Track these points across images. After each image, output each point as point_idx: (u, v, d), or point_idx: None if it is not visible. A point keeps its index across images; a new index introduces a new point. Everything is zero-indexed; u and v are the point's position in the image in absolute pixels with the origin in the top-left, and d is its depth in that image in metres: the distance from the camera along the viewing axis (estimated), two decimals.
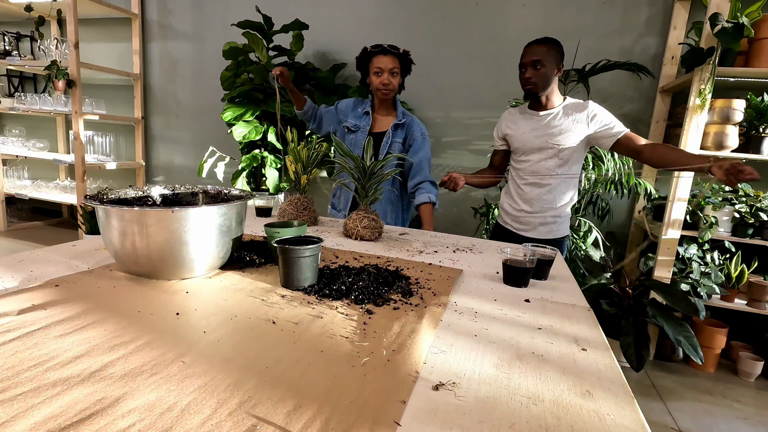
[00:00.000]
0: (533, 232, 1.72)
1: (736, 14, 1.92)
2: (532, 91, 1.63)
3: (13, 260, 0.95)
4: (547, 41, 1.59)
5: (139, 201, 1.03)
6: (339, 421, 0.47)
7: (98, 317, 0.69)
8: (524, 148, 1.70)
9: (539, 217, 1.70)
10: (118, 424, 0.44)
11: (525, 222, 1.73)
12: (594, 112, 1.61)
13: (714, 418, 1.88)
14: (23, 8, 3.32)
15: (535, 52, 1.58)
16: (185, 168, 3.59)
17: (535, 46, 1.59)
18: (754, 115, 2.14)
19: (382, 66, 1.76)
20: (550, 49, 1.58)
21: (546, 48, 1.57)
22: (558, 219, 1.71)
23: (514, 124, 1.75)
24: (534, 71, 1.59)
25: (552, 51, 1.58)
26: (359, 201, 1.37)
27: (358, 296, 0.83)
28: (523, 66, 1.62)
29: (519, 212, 1.74)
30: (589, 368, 0.62)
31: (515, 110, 1.79)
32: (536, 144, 1.66)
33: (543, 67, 1.58)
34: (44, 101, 3.29)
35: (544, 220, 1.70)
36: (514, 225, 1.77)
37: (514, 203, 1.76)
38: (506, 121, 1.78)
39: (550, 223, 1.70)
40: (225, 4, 3.20)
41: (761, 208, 2.13)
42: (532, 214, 1.71)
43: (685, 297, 1.93)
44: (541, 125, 1.66)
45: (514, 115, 1.77)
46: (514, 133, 1.73)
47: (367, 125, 1.87)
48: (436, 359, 0.62)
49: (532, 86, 1.61)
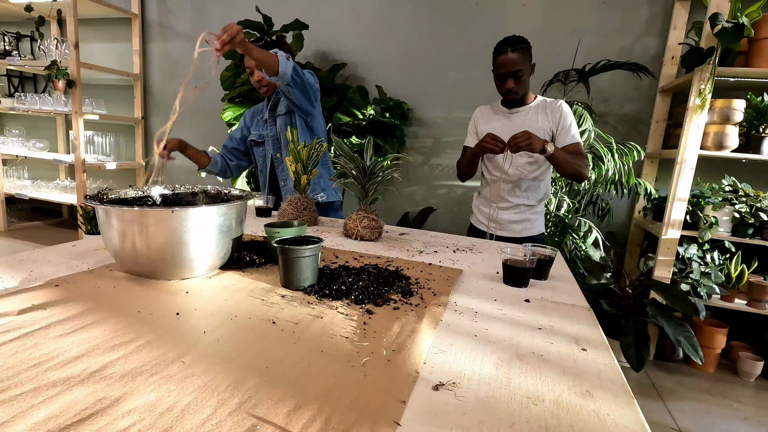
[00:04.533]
0: (507, 231, 1.71)
1: (736, 14, 1.92)
2: (515, 99, 1.63)
3: (13, 260, 0.95)
4: (518, 46, 1.54)
5: (139, 201, 1.03)
6: (339, 421, 0.47)
7: (98, 317, 0.69)
8: None
9: (513, 215, 1.70)
10: (118, 424, 0.44)
11: (498, 221, 1.72)
12: (562, 111, 1.60)
13: (714, 418, 1.88)
14: (23, 8, 3.32)
15: (513, 62, 1.54)
16: (185, 168, 3.59)
17: (511, 56, 1.54)
18: (754, 115, 2.14)
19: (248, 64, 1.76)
20: (524, 53, 1.55)
21: (521, 54, 1.54)
22: (532, 216, 1.71)
23: (486, 120, 1.74)
24: (516, 81, 1.57)
25: (526, 55, 1.56)
26: (359, 201, 1.37)
27: (358, 296, 0.83)
28: (502, 77, 1.59)
29: (492, 211, 1.73)
30: (589, 368, 0.62)
31: (487, 107, 1.78)
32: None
33: (523, 74, 1.56)
34: (44, 101, 3.29)
35: (518, 218, 1.70)
36: (489, 225, 1.75)
37: (487, 202, 1.75)
38: (479, 116, 1.78)
39: (523, 221, 1.70)
40: (225, 4, 3.20)
41: (761, 208, 2.13)
42: (506, 212, 1.71)
43: (685, 297, 1.93)
44: (513, 122, 1.65)
45: (487, 112, 1.76)
46: (486, 128, 1.71)
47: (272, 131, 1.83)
48: (436, 359, 0.62)
49: (515, 95, 1.61)
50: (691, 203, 2.22)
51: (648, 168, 2.51)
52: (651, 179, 2.52)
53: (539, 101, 1.66)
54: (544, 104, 1.65)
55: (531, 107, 1.65)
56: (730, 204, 2.20)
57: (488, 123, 1.73)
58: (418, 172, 2.93)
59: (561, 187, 2.36)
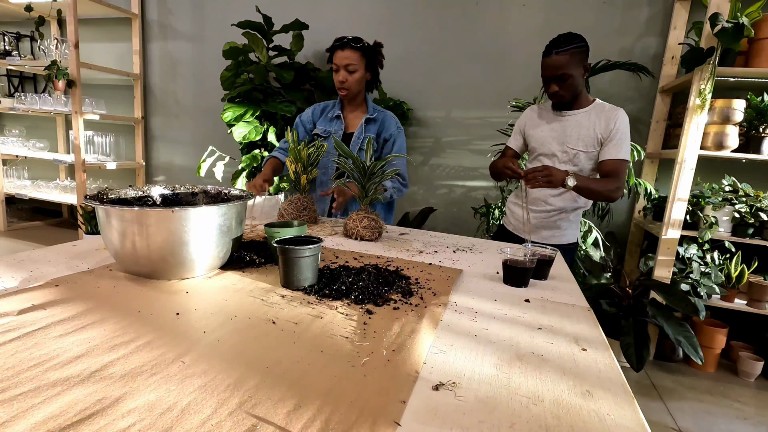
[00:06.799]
0: (536, 237, 1.65)
1: (736, 14, 1.92)
2: (562, 102, 1.54)
3: (13, 260, 0.95)
4: (567, 47, 1.43)
5: (139, 201, 1.03)
6: (339, 421, 0.47)
7: (98, 317, 0.69)
8: (541, 149, 1.62)
9: (546, 221, 1.65)
10: (118, 424, 0.44)
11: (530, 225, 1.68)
12: (617, 122, 1.48)
13: (714, 418, 1.88)
14: (23, 8, 3.32)
15: (558, 64, 1.43)
16: (185, 168, 3.59)
17: (556, 57, 1.44)
18: (754, 115, 2.14)
19: (338, 62, 1.64)
20: (573, 55, 1.43)
21: (569, 56, 1.43)
22: (564, 224, 1.65)
23: (535, 122, 1.66)
24: (561, 84, 1.47)
25: (576, 56, 1.44)
26: (359, 201, 1.37)
27: (358, 296, 0.83)
28: (547, 80, 1.49)
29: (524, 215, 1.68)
30: (589, 368, 0.62)
31: (538, 108, 1.69)
32: (553, 145, 1.59)
33: (570, 77, 1.45)
34: (44, 101, 3.29)
35: (549, 226, 1.65)
36: (518, 226, 1.73)
37: (520, 206, 1.71)
38: (528, 118, 1.69)
39: (554, 228, 1.65)
40: (225, 4, 3.20)
41: (761, 208, 2.13)
42: (538, 217, 1.65)
43: (685, 297, 1.92)
44: (562, 126, 1.57)
45: (537, 113, 1.68)
46: (534, 132, 1.65)
47: (340, 129, 1.78)
48: (436, 359, 0.62)
49: (561, 98, 1.51)
50: (691, 203, 2.22)
51: (648, 168, 2.51)
52: (651, 179, 2.52)
53: (596, 105, 1.55)
54: (601, 109, 1.53)
55: (584, 112, 1.55)
56: (730, 204, 2.20)
57: (536, 124, 1.64)
58: (418, 172, 2.93)
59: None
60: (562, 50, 1.44)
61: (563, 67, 1.44)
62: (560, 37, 1.47)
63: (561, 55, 1.44)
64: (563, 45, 1.44)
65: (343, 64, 1.64)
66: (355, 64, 1.65)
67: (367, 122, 1.76)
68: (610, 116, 1.50)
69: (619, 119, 1.49)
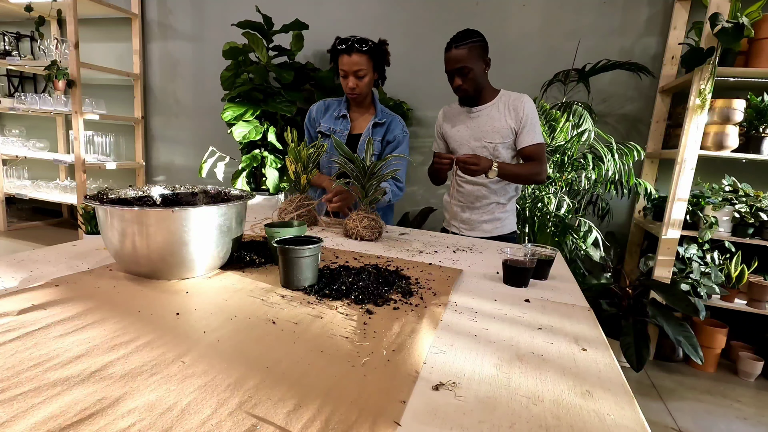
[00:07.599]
0: (479, 231, 1.69)
1: (736, 14, 1.92)
2: (467, 96, 1.59)
3: (13, 260, 0.95)
4: (466, 41, 1.50)
5: (139, 201, 1.03)
6: (339, 421, 0.47)
7: (98, 317, 0.69)
8: (461, 148, 1.66)
9: (483, 215, 1.68)
10: (118, 424, 0.44)
11: (469, 222, 1.71)
12: (525, 109, 1.56)
13: (714, 418, 1.88)
14: (23, 8, 3.31)
15: (458, 57, 1.50)
16: (185, 168, 3.59)
17: (456, 51, 1.50)
18: (754, 115, 2.14)
19: (346, 68, 1.61)
20: (471, 49, 1.50)
21: (467, 50, 1.49)
22: (503, 215, 1.69)
23: (449, 123, 1.71)
24: (462, 78, 1.53)
25: (474, 50, 1.51)
26: (359, 201, 1.37)
27: (358, 296, 0.83)
28: (450, 74, 1.55)
29: (463, 213, 1.71)
30: (589, 368, 0.62)
31: (450, 108, 1.74)
32: (471, 142, 1.63)
33: (470, 71, 1.52)
34: (44, 101, 3.29)
35: (489, 218, 1.68)
36: (460, 226, 1.73)
37: (457, 204, 1.73)
38: (443, 119, 1.75)
39: (494, 220, 1.68)
40: (225, 4, 3.20)
41: (761, 208, 2.13)
42: (476, 212, 1.69)
43: (685, 297, 1.93)
44: (476, 123, 1.62)
45: (451, 113, 1.72)
46: (451, 132, 1.69)
47: (346, 129, 1.76)
48: (436, 359, 0.62)
49: (465, 92, 1.57)
50: (691, 203, 2.22)
51: (648, 168, 2.51)
52: (651, 179, 2.52)
53: (503, 95, 1.62)
54: (507, 99, 1.60)
55: (492, 105, 1.61)
56: (730, 204, 2.20)
57: (453, 126, 1.69)
58: (418, 172, 2.93)
59: (561, 187, 2.36)
60: (461, 44, 1.50)
61: (463, 60, 1.51)
62: (459, 33, 1.53)
63: (460, 49, 1.50)
64: (462, 40, 1.51)
65: (353, 71, 1.61)
66: (364, 69, 1.62)
67: (374, 126, 1.76)
68: (517, 105, 1.58)
69: (526, 106, 1.57)
